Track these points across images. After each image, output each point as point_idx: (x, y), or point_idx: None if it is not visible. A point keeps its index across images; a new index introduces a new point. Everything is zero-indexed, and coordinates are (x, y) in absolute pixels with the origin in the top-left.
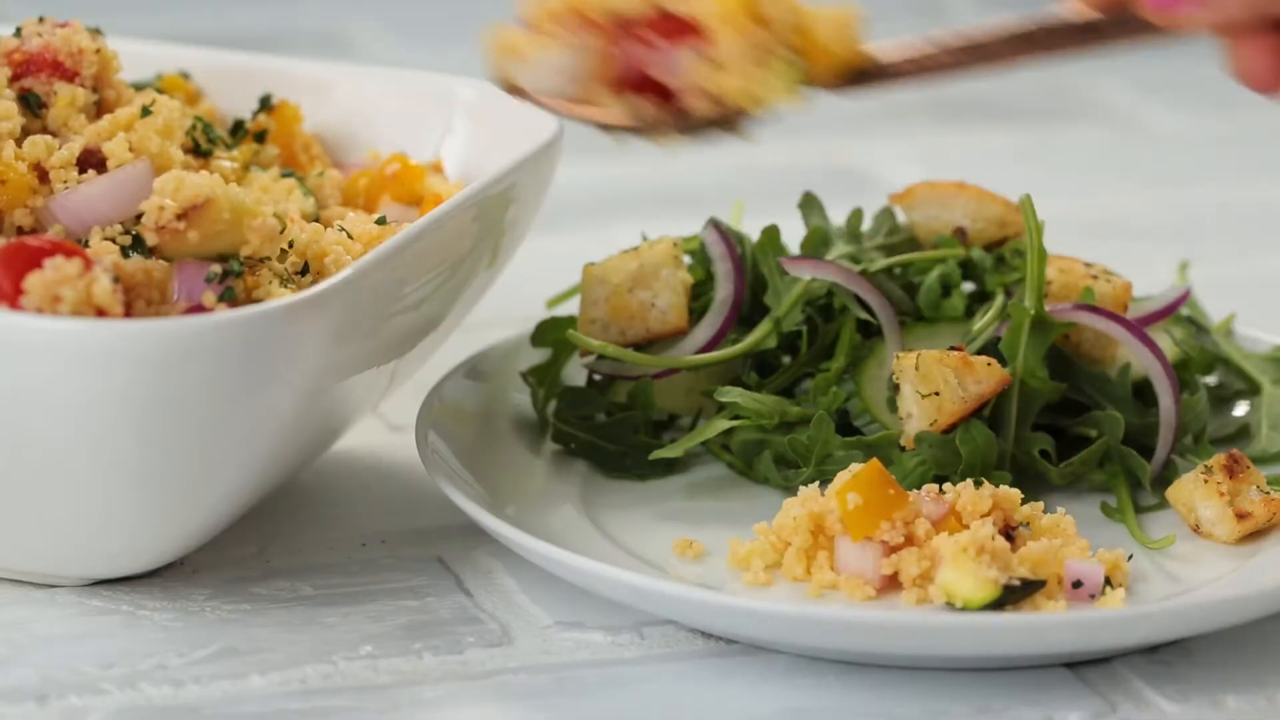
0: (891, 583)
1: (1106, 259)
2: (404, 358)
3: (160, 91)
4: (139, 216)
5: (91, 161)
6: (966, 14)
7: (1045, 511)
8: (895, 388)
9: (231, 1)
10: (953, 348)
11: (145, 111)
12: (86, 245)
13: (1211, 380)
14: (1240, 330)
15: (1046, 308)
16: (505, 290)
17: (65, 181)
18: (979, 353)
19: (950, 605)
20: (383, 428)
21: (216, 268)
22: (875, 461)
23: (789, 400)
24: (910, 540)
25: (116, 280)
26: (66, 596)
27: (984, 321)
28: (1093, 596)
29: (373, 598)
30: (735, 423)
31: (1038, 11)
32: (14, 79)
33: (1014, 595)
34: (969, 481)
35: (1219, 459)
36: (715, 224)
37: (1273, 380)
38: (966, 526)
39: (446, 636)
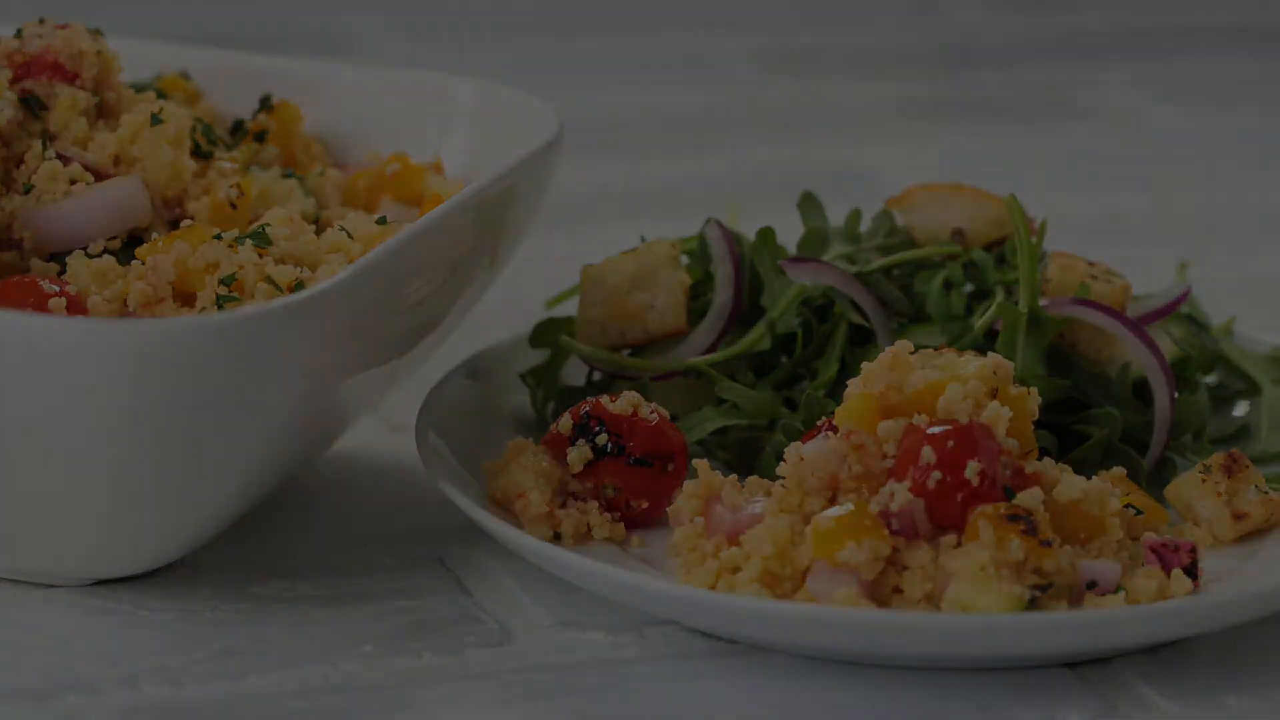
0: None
1: (1106, 259)
2: (404, 358)
3: (160, 94)
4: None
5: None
6: (966, 14)
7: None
8: None
9: (231, 1)
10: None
11: (155, 120)
12: (64, 261)
13: (1211, 380)
14: (1240, 330)
15: (1042, 302)
16: (505, 290)
17: (53, 194)
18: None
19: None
20: (383, 428)
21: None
22: (864, 503)
23: (780, 399)
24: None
25: None
26: (66, 596)
27: (983, 321)
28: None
29: (373, 598)
30: (726, 420)
31: None
32: (14, 80)
33: (1035, 604)
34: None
35: (1217, 458)
36: (718, 223)
37: (1273, 380)
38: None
39: (446, 636)
